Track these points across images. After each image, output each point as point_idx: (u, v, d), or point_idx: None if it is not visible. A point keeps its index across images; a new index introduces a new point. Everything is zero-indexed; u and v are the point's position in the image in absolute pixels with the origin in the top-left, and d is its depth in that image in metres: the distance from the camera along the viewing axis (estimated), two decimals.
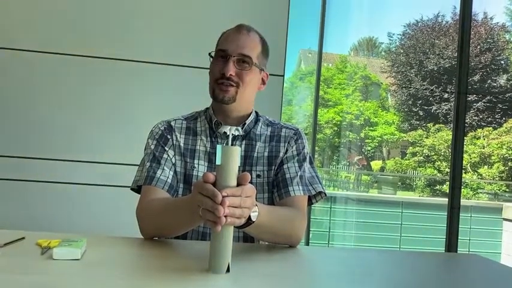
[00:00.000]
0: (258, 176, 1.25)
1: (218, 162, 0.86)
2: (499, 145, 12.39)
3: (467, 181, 11.94)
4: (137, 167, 1.29)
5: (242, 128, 1.27)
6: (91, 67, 2.14)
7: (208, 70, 1.32)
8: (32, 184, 2.08)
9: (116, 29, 2.17)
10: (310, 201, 1.29)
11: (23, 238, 1.03)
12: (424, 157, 13.18)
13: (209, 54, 1.29)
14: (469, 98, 13.00)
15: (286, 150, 1.29)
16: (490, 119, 13.38)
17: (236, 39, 1.24)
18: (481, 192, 12.01)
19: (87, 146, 2.13)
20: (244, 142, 1.28)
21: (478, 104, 13.47)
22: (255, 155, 1.27)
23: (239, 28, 1.27)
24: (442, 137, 13.00)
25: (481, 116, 13.36)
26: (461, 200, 2.44)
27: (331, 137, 13.81)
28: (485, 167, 12.49)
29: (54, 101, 2.12)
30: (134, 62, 2.17)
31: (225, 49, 1.23)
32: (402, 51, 15.04)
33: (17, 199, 2.07)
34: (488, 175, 12.36)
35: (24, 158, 2.08)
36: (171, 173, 1.22)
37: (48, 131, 2.11)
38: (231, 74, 1.21)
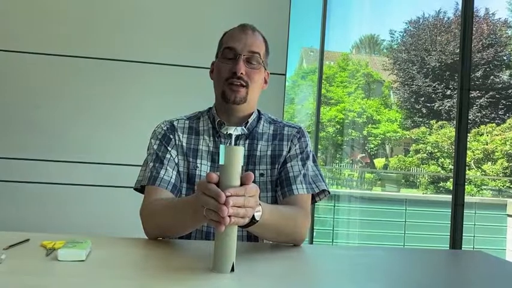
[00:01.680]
0: (261, 174, 1.25)
1: (221, 162, 0.86)
2: (502, 141, 12.34)
3: (471, 178, 11.91)
4: (140, 167, 1.30)
5: (245, 127, 1.27)
6: (90, 68, 2.14)
7: (209, 70, 1.32)
8: (33, 186, 2.08)
9: (115, 29, 2.17)
10: (314, 199, 1.29)
11: (28, 240, 1.03)
12: (427, 154, 13.16)
13: (216, 55, 1.28)
14: (472, 94, 12.95)
15: (290, 148, 1.28)
16: (493, 115, 13.34)
17: (243, 38, 1.23)
18: (485, 189, 11.98)
19: (89, 147, 2.13)
20: (247, 141, 1.28)
21: (481, 100, 13.42)
22: (258, 153, 1.27)
23: (244, 27, 1.26)
24: (445, 133, 12.97)
25: (484, 112, 13.32)
26: (465, 196, 2.43)
27: (333, 135, 13.81)
28: (489, 163, 12.45)
29: (55, 102, 2.12)
30: (135, 63, 2.17)
31: (233, 47, 1.22)
32: (404, 48, 15.00)
33: (19, 201, 2.08)
34: (492, 171, 12.33)
35: (25, 160, 2.09)
36: (175, 172, 1.22)
37: (49, 133, 2.11)
38: (241, 73, 1.20)
